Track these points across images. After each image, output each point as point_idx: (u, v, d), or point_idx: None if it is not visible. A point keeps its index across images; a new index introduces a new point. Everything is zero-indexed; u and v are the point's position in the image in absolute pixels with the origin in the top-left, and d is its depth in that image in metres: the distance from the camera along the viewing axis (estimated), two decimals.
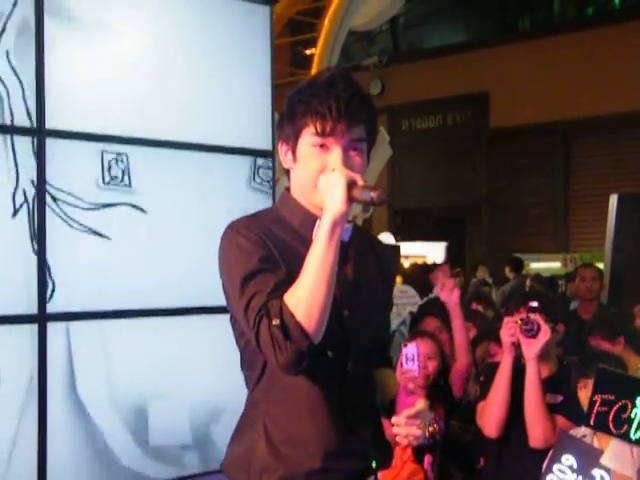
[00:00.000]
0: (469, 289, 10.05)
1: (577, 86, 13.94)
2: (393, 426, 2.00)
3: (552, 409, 3.28)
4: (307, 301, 1.81)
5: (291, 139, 2.00)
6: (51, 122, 3.24)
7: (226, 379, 3.48)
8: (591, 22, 14.64)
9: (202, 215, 3.62)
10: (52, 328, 3.22)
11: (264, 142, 3.81)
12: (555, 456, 3.00)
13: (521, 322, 3.27)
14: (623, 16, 14.23)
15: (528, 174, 15.10)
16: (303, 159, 1.98)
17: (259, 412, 2.02)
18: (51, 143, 3.20)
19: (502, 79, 14.83)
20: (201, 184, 3.67)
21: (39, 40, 3.21)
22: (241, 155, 3.79)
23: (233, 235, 1.97)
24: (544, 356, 3.32)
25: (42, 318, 3.20)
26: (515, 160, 15.23)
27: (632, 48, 13.28)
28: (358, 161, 1.97)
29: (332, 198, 1.85)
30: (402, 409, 2.04)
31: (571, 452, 2.95)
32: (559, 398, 3.37)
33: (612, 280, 6.85)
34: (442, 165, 16.06)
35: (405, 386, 3.27)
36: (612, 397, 2.86)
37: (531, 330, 3.25)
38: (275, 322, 1.81)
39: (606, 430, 2.88)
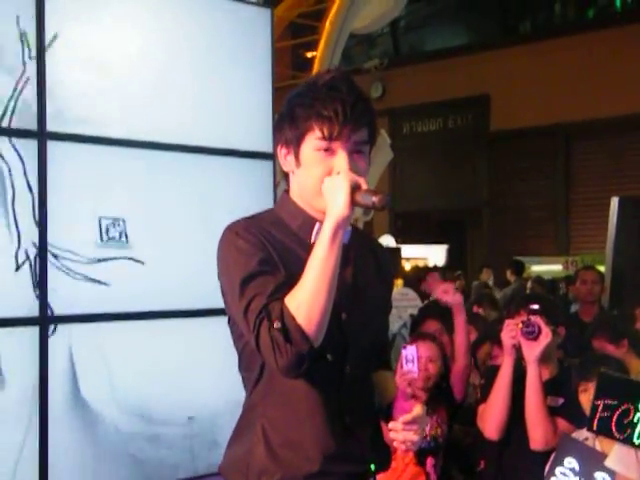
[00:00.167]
0: (471, 292, 10.05)
1: (578, 89, 13.95)
2: (390, 431, 1.99)
3: (553, 412, 3.28)
4: (308, 304, 1.81)
5: (293, 143, 1.98)
6: (52, 126, 3.26)
7: (226, 381, 3.48)
8: (592, 25, 14.65)
9: (202, 217, 3.62)
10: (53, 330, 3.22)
11: (265, 145, 3.81)
12: (557, 459, 2.99)
13: (522, 325, 3.27)
14: (624, 19, 14.25)
15: (529, 177, 15.11)
16: (307, 163, 1.97)
17: (257, 415, 2.01)
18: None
19: (503, 82, 14.84)
20: (201, 186, 3.67)
21: (40, 39, 3.22)
22: (242, 158, 3.80)
23: (232, 237, 1.96)
24: (545, 359, 3.32)
25: (43, 320, 3.20)
26: (516, 163, 15.23)
27: (633, 51, 13.30)
28: (362, 164, 1.97)
29: (335, 202, 1.84)
30: (400, 414, 2.03)
31: (573, 455, 2.95)
32: (560, 401, 3.37)
33: (613, 283, 6.84)
34: (443, 168, 16.07)
35: (404, 390, 3.26)
36: (614, 402, 2.85)
37: (532, 333, 3.25)
38: (276, 325, 1.80)
39: (609, 435, 2.87)
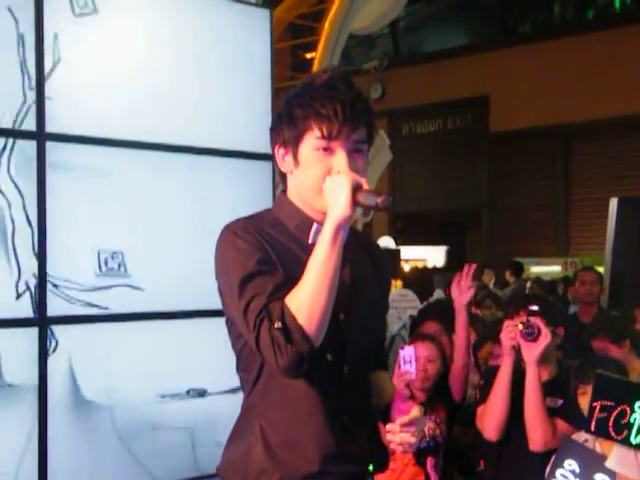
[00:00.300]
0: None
1: (577, 90, 13.96)
2: (387, 433, 1.99)
3: (552, 412, 3.28)
4: (309, 304, 1.80)
5: (291, 143, 1.98)
6: (50, 127, 3.25)
7: (225, 382, 3.48)
8: (591, 26, 14.66)
9: (202, 218, 3.62)
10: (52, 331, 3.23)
11: (264, 146, 3.80)
12: (558, 461, 2.99)
13: (522, 326, 3.27)
14: (623, 20, 14.26)
15: (528, 178, 15.12)
16: (306, 163, 1.96)
17: (255, 415, 2.01)
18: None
19: (502, 83, 14.85)
20: (201, 187, 3.67)
21: (39, 38, 3.22)
22: (241, 159, 3.79)
23: (230, 237, 1.95)
24: (544, 360, 3.32)
25: (42, 321, 3.20)
26: (515, 164, 15.24)
27: (632, 51, 13.30)
28: (361, 163, 1.97)
29: (337, 202, 1.84)
30: (397, 415, 2.03)
31: (573, 457, 2.95)
32: (559, 402, 3.37)
33: (612, 284, 6.85)
34: (442, 169, 16.07)
35: (401, 391, 3.26)
36: (611, 403, 2.86)
37: (532, 334, 3.25)
38: (277, 325, 1.80)
39: (607, 436, 2.87)
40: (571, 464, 2.94)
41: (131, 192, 3.46)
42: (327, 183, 1.90)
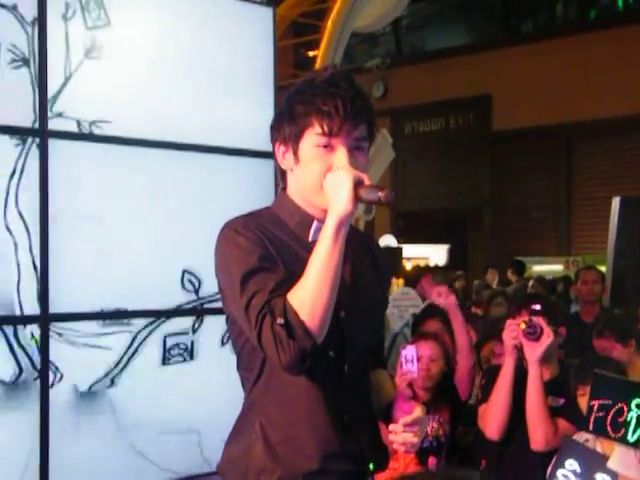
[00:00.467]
0: (472, 292, 10.05)
1: (580, 89, 13.95)
2: (390, 433, 1.99)
3: (554, 412, 3.28)
4: (311, 300, 1.80)
5: (292, 140, 1.98)
6: (52, 124, 3.26)
7: (225, 380, 3.48)
8: (594, 25, 14.65)
9: (204, 217, 3.61)
10: (54, 328, 3.22)
11: (267, 144, 3.79)
12: (559, 461, 2.99)
13: (524, 325, 3.27)
14: (626, 19, 14.25)
15: (530, 177, 15.12)
16: (307, 160, 1.96)
17: (256, 413, 2.00)
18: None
19: (505, 82, 14.85)
20: (203, 185, 3.67)
21: (42, 36, 3.22)
22: (243, 157, 3.79)
23: (231, 234, 1.95)
24: (546, 359, 3.32)
25: (45, 318, 3.20)
26: (518, 163, 15.24)
27: (635, 51, 13.30)
28: (362, 161, 1.96)
29: (339, 197, 1.83)
30: (400, 414, 2.03)
31: (574, 457, 2.95)
32: (561, 401, 3.37)
33: (614, 283, 6.83)
34: (445, 168, 16.07)
35: (403, 391, 3.26)
36: (609, 401, 2.86)
37: (534, 333, 3.25)
38: (279, 321, 1.79)
39: (605, 435, 2.88)
40: (572, 464, 2.94)
41: (133, 191, 3.47)
42: (328, 179, 1.89)
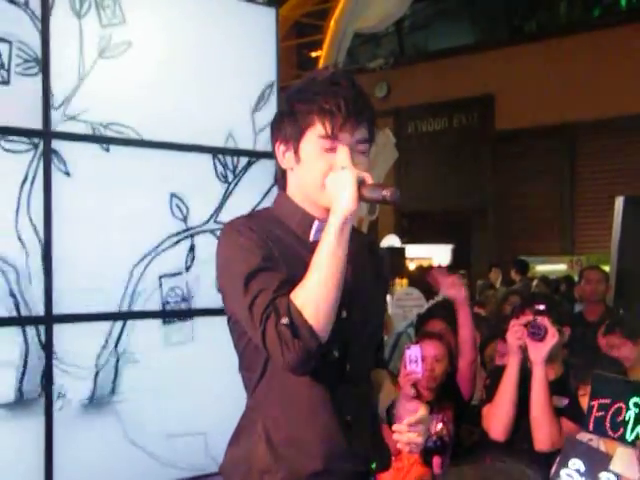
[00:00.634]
0: (476, 292, 10.04)
1: (583, 88, 13.93)
2: (394, 433, 1.98)
3: (558, 412, 3.28)
4: (316, 300, 1.80)
5: (293, 139, 1.97)
6: (65, 127, 3.26)
7: (228, 381, 3.48)
8: (597, 24, 14.63)
9: (212, 219, 3.63)
10: (58, 329, 3.23)
11: (270, 144, 3.79)
12: (562, 461, 2.99)
13: (528, 325, 3.26)
14: (629, 17, 14.22)
15: (534, 176, 15.09)
16: (308, 160, 1.96)
17: (258, 414, 2.00)
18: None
19: (508, 81, 14.83)
20: (204, 185, 3.67)
21: (44, 35, 3.22)
22: (247, 157, 3.79)
23: (233, 234, 1.95)
24: (551, 359, 3.31)
25: (49, 319, 3.20)
26: (521, 162, 15.21)
27: (639, 50, 13.26)
28: (364, 160, 1.96)
29: (342, 196, 1.83)
30: (404, 414, 2.02)
31: (578, 456, 2.94)
32: (565, 401, 3.36)
33: (618, 282, 6.84)
34: (448, 167, 16.06)
35: (407, 391, 3.26)
36: (608, 400, 2.86)
37: (539, 333, 3.24)
38: (284, 320, 1.79)
39: (604, 434, 2.88)
40: (575, 463, 2.94)
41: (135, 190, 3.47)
42: (330, 179, 1.89)
